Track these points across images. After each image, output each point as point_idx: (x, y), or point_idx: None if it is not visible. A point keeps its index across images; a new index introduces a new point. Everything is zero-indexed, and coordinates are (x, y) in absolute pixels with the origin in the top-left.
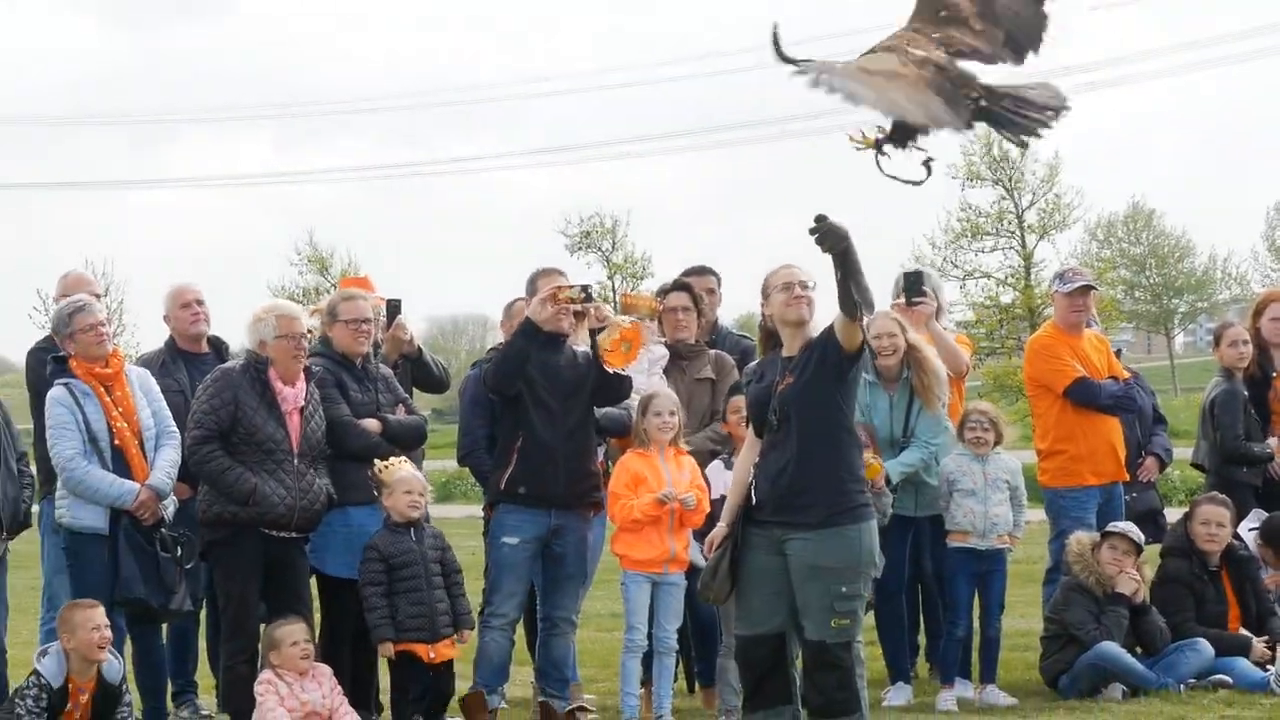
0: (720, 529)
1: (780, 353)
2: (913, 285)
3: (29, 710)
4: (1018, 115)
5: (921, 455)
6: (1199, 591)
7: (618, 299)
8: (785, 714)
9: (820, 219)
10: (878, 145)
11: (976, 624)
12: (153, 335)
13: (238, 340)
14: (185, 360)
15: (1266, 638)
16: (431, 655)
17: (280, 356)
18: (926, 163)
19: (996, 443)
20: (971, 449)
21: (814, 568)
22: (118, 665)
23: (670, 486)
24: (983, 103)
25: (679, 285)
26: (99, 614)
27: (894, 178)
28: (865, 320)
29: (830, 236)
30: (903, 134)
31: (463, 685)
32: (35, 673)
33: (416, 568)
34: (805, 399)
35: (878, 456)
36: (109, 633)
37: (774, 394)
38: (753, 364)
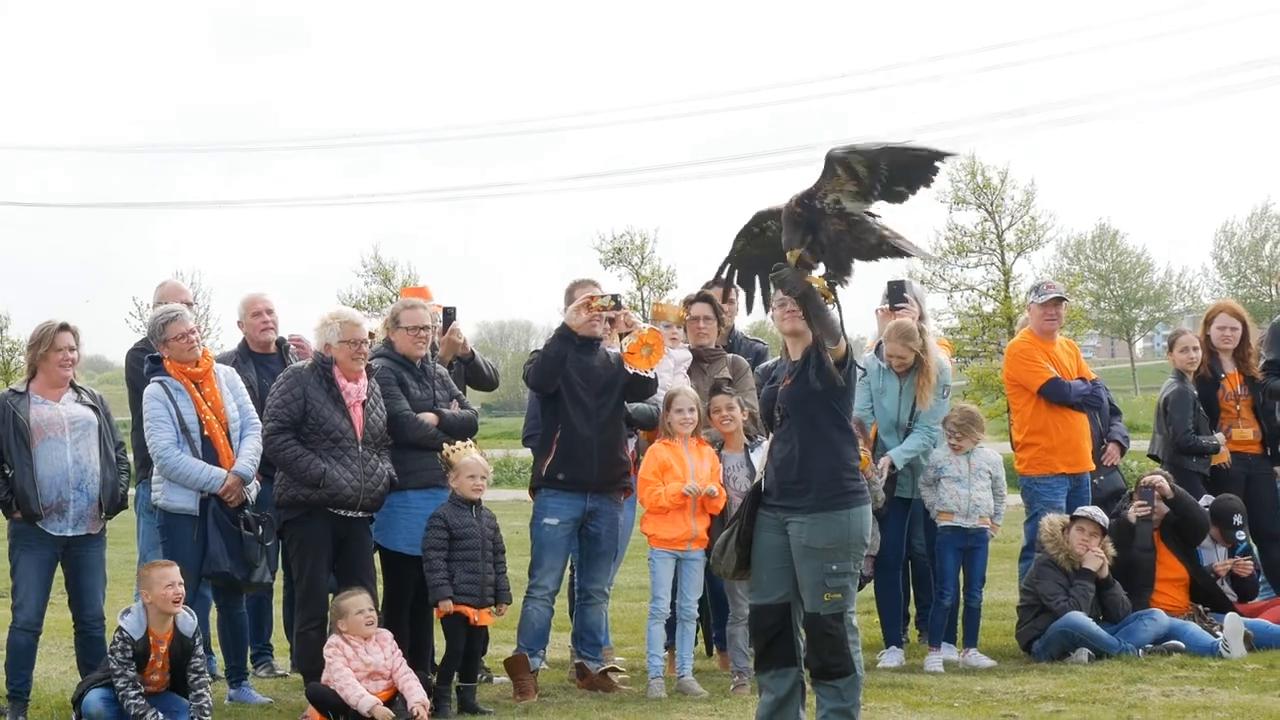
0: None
1: (789, 359)
2: (896, 293)
3: (119, 662)
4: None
5: (922, 440)
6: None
7: (648, 308)
8: (790, 675)
9: (777, 267)
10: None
11: (960, 595)
12: (235, 337)
13: (312, 342)
14: (255, 361)
15: (1206, 608)
16: (475, 619)
17: (342, 358)
18: (833, 285)
19: (974, 441)
20: (953, 449)
21: (808, 548)
22: (191, 620)
23: (694, 478)
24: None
25: (702, 297)
26: (174, 572)
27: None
28: (839, 344)
29: (785, 284)
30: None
31: (507, 649)
32: (119, 629)
33: (474, 540)
34: (801, 399)
35: (868, 450)
36: (182, 590)
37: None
38: (766, 364)
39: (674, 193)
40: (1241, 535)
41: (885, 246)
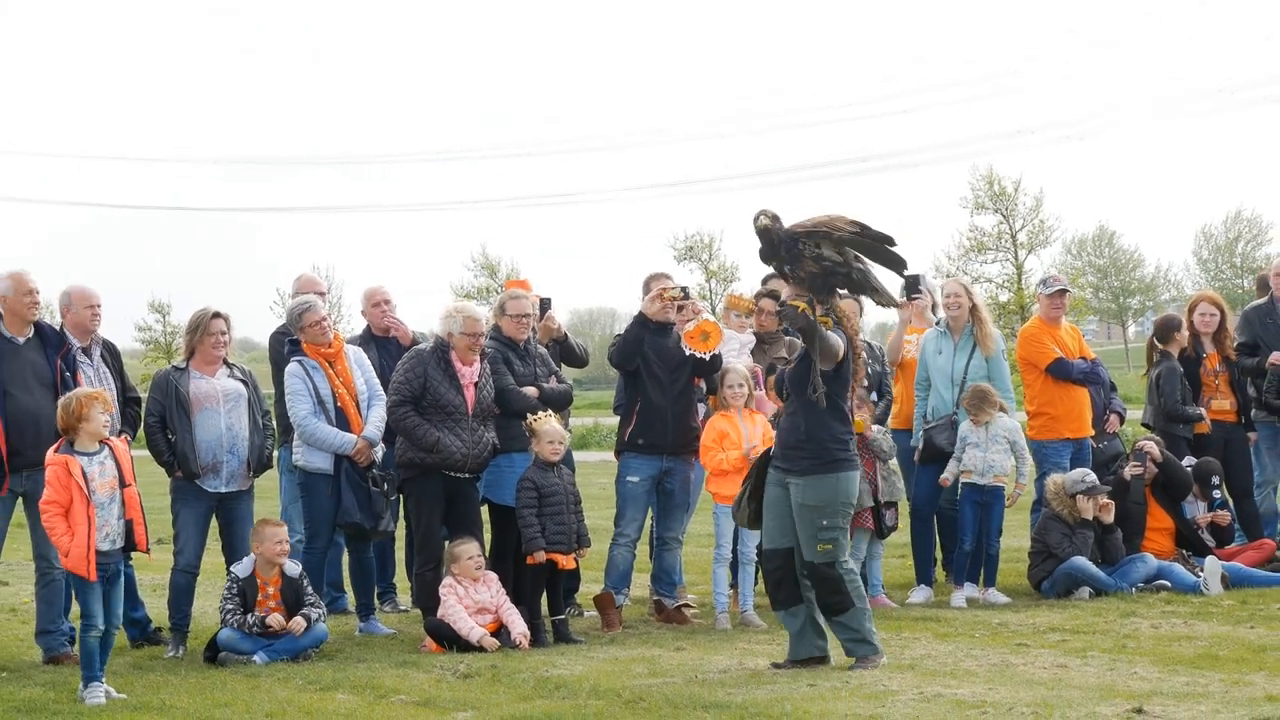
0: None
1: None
2: (912, 286)
3: (225, 596)
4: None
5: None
6: (1117, 495)
7: (716, 298)
8: (800, 612)
9: (780, 303)
10: (810, 304)
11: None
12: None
13: (423, 325)
14: (377, 344)
15: (1189, 552)
16: (563, 564)
17: (461, 346)
18: (826, 315)
19: (988, 415)
20: (973, 422)
21: (802, 506)
22: (296, 565)
23: (747, 443)
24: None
25: (770, 293)
26: (283, 531)
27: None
28: (835, 360)
29: (788, 317)
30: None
31: (597, 587)
32: (230, 572)
33: (559, 497)
34: (799, 381)
35: (868, 415)
36: (286, 546)
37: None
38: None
39: (736, 200)
40: (1218, 493)
41: (860, 284)
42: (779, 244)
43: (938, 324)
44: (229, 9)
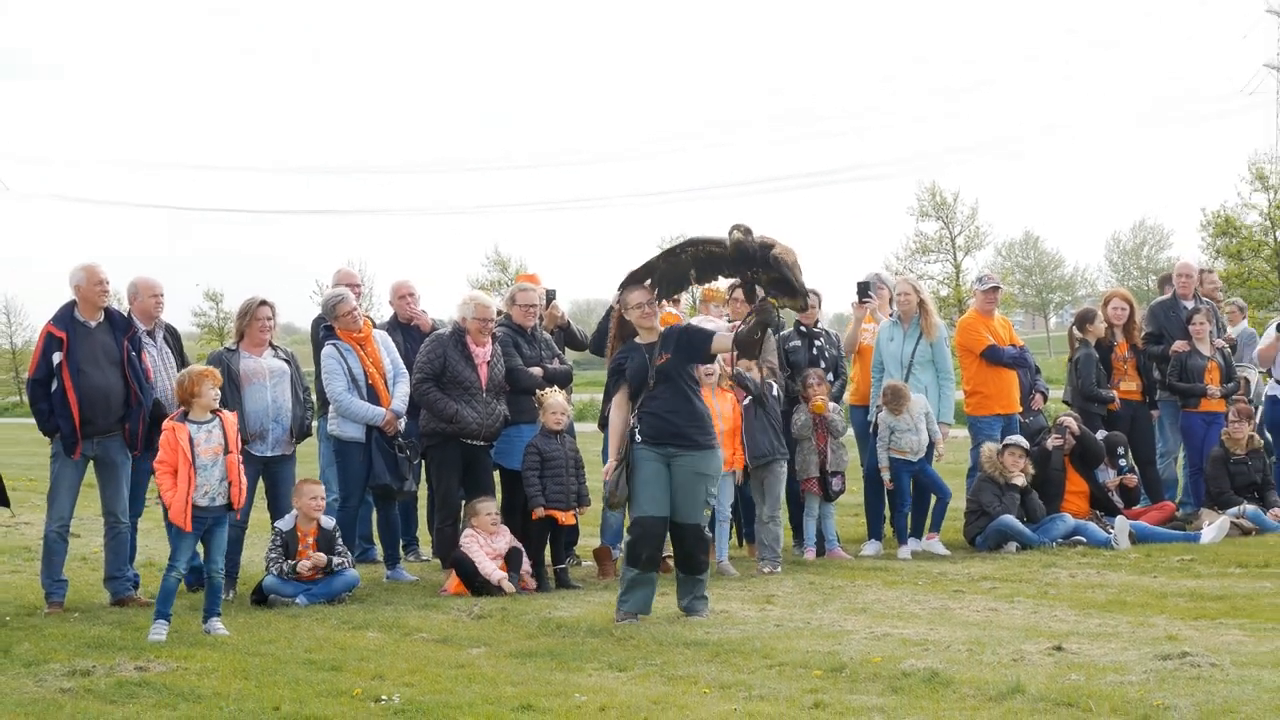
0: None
1: (637, 341)
2: (863, 290)
3: (271, 546)
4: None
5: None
6: (1040, 463)
7: (699, 291)
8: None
9: (762, 301)
10: (773, 299)
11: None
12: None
13: (442, 313)
14: (402, 330)
15: (1101, 512)
16: (562, 520)
17: (473, 329)
18: (776, 307)
19: (902, 408)
20: (893, 414)
21: (696, 474)
22: (330, 520)
23: (720, 419)
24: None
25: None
26: (320, 489)
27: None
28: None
29: (767, 313)
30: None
31: (594, 542)
32: (274, 526)
33: (560, 461)
34: (677, 369)
35: (825, 395)
36: (322, 502)
37: (651, 367)
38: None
39: (717, 207)
40: (1124, 461)
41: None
42: (753, 254)
43: (891, 315)
44: (255, 49)
